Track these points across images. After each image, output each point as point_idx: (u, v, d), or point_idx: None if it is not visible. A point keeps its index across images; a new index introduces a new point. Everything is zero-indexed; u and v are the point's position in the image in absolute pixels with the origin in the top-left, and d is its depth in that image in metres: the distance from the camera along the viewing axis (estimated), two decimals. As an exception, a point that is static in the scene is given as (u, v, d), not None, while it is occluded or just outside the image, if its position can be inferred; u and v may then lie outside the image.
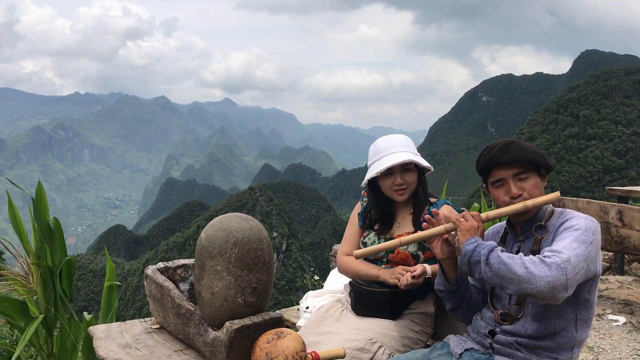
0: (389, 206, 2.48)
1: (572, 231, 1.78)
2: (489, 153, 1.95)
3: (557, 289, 1.61)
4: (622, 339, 4.06)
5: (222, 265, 2.08)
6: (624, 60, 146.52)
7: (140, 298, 62.22)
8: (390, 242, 2.02)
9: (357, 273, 2.45)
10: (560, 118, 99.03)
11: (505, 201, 1.93)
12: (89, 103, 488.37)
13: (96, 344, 2.32)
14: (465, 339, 2.04)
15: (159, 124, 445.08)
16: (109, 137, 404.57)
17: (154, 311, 2.51)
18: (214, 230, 2.14)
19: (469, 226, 1.85)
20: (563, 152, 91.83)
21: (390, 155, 2.34)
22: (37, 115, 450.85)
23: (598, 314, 4.55)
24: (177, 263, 2.58)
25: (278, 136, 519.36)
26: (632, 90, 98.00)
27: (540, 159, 1.91)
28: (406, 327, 2.33)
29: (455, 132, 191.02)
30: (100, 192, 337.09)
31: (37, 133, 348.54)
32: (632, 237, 4.45)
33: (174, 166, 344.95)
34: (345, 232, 2.60)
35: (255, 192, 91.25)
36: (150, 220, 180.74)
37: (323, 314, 2.50)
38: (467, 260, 1.77)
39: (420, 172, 2.43)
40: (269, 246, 2.19)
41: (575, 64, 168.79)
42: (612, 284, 5.39)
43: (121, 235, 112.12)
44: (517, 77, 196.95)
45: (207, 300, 2.11)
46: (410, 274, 2.21)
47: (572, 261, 1.65)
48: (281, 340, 1.94)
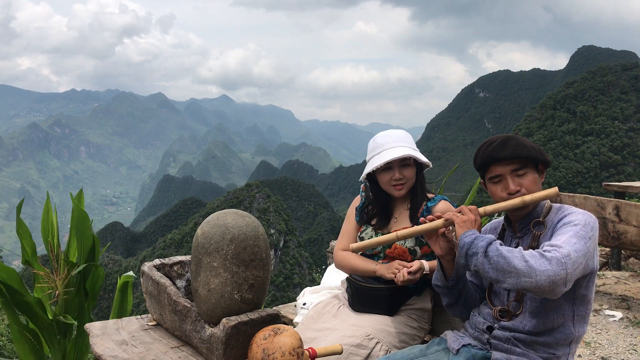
0: (386, 201, 2.47)
1: (572, 226, 1.77)
2: (487, 149, 1.94)
3: (557, 283, 1.61)
4: (618, 334, 4.07)
5: (219, 262, 2.07)
6: (620, 56, 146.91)
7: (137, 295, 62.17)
8: (388, 235, 2.01)
9: (354, 268, 2.44)
10: (557, 114, 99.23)
11: (503, 197, 1.92)
12: (86, 100, 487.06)
13: (92, 341, 2.31)
14: (462, 334, 2.04)
15: (155, 121, 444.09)
16: (106, 134, 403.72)
17: (150, 308, 2.50)
18: (210, 226, 2.13)
19: (467, 219, 1.84)
20: (560, 148, 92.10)
21: (389, 150, 2.33)
22: (33, 113, 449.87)
23: (595, 309, 4.56)
24: (174, 260, 2.57)
25: (275, 133, 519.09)
26: (628, 86, 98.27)
27: (538, 154, 1.90)
28: (403, 323, 2.32)
29: (453, 129, 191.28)
30: (97, 189, 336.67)
31: (34, 130, 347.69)
32: (628, 232, 4.46)
33: (171, 163, 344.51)
34: (342, 227, 2.59)
35: (253, 189, 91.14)
36: (147, 218, 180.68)
37: (320, 310, 2.49)
38: (465, 253, 1.75)
39: (418, 168, 2.43)
40: (266, 242, 2.19)
41: (572, 59, 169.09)
42: (609, 280, 5.40)
43: (118, 232, 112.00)
44: (514, 73, 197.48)
45: (203, 297, 2.10)
46: (407, 270, 2.21)
47: (572, 256, 1.64)
48: (278, 336, 1.93)
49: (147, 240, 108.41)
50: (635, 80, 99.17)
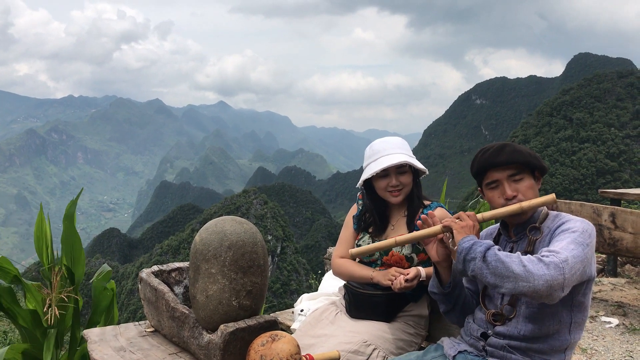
0: (383, 208, 2.49)
1: (569, 233, 1.79)
2: (484, 155, 1.96)
3: (555, 288, 1.62)
4: (615, 340, 4.08)
5: (217, 269, 2.08)
6: (616, 63, 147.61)
7: (134, 302, 61.88)
8: (386, 241, 2.03)
9: (351, 275, 2.45)
10: (554, 121, 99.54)
11: (500, 203, 1.94)
12: (83, 106, 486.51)
13: (90, 347, 2.31)
14: (459, 341, 2.05)
15: (153, 126, 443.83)
16: (103, 140, 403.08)
17: (148, 314, 2.51)
18: (208, 233, 2.14)
19: (465, 225, 1.86)
20: (556, 155, 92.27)
21: (386, 157, 2.35)
22: (30, 118, 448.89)
23: (591, 315, 4.57)
24: (172, 266, 2.58)
25: (273, 139, 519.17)
26: (624, 93, 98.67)
27: (535, 160, 1.92)
28: (400, 330, 2.33)
29: (450, 135, 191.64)
30: (94, 195, 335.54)
31: (31, 136, 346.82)
32: (624, 239, 4.47)
33: (168, 169, 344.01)
34: (340, 235, 2.61)
35: (250, 195, 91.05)
36: (144, 224, 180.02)
37: (318, 316, 2.50)
38: (463, 258, 1.77)
39: (415, 175, 2.44)
40: (264, 249, 2.20)
41: (568, 66, 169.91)
42: (605, 286, 5.42)
43: (115, 238, 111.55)
44: (510, 80, 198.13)
45: (201, 304, 2.11)
46: (404, 277, 2.22)
47: (569, 261, 1.66)
48: (276, 343, 1.94)
49: (144, 247, 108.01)
50: (631, 87, 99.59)
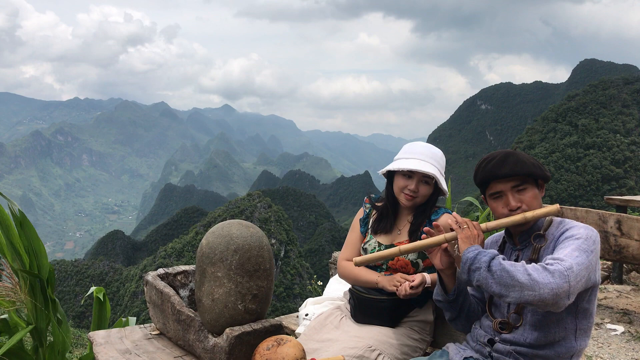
0: (394, 206, 2.49)
1: (573, 240, 1.78)
2: (487, 166, 1.95)
3: (560, 296, 1.61)
4: (620, 348, 4.06)
5: (223, 272, 2.08)
6: (622, 69, 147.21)
7: (138, 304, 61.96)
8: (390, 250, 2.03)
9: (356, 278, 2.45)
10: (559, 127, 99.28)
11: (503, 213, 1.93)
12: (89, 108, 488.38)
13: (96, 349, 2.32)
14: (464, 347, 2.04)
15: (158, 129, 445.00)
16: (108, 143, 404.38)
17: (153, 317, 2.51)
18: (215, 236, 2.15)
19: (469, 234, 1.85)
20: (562, 161, 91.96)
21: (419, 161, 2.33)
22: (36, 120, 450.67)
23: (597, 323, 4.55)
24: (178, 269, 2.58)
25: (277, 143, 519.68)
26: (630, 100, 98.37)
27: (538, 170, 1.91)
28: (405, 335, 2.33)
29: (454, 140, 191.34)
30: (99, 198, 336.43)
31: (36, 138, 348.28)
32: (630, 246, 4.45)
33: (172, 172, 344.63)
34: (346, 238, 2.61)
35: (254, 198, 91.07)
36: (149, 226, 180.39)
37: (322, 321, 2.50)
38: (468, 268, 1.76)
39: (435, 192, 2.43)
40: (270, 253, 2.20)
41: (574, 72, 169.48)
42: (610, 293, 5.39)
43: (119, 240, 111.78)
44: (515, 85, 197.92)
45: (207, 307, 2.11)
46: (409, 283, 2.22)
47: (574, 269, 1.65)
48: (281, 347, 1.94)
49: (148, 249, 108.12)
50: (637, 93, 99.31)
